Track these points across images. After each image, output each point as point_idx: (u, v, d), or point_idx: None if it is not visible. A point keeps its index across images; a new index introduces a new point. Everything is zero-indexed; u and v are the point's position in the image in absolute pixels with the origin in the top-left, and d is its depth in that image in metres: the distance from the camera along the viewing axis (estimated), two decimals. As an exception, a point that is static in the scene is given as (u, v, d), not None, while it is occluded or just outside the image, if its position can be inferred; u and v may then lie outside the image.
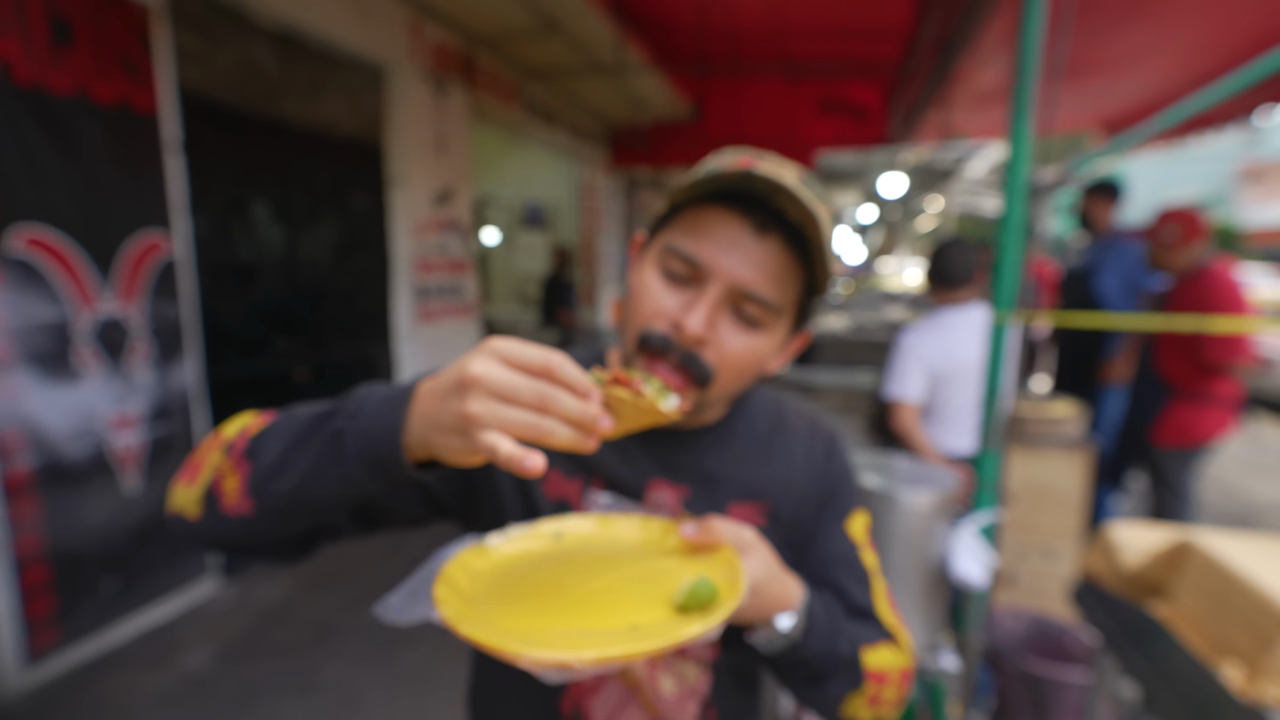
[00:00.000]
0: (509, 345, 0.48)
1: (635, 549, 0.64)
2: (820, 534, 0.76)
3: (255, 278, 3.07)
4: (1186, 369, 2.76)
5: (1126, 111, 4.20)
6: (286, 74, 3.18)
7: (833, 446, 0.82)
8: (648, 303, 0.64)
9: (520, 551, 0.63)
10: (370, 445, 0.51)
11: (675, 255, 0.63)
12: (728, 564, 0.58)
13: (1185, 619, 1.47)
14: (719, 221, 0.63)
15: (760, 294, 0.62)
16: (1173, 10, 2.75)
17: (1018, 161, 1.68)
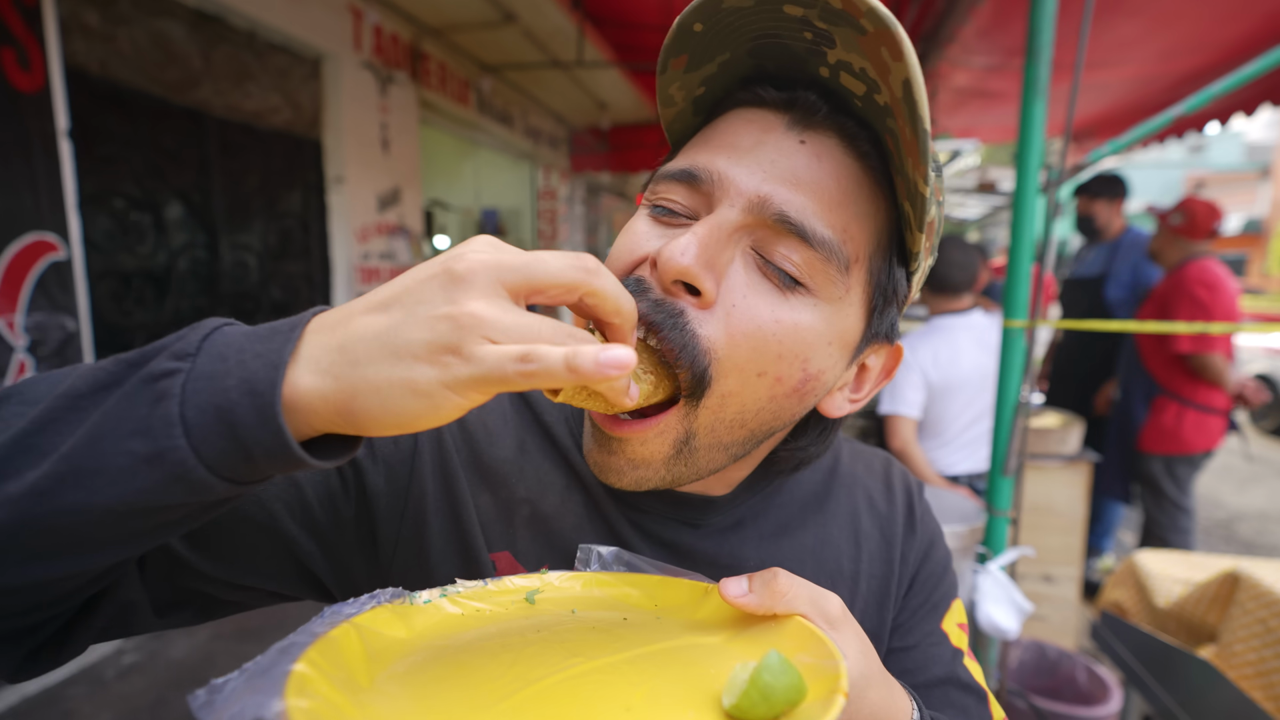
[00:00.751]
0: (520, 260, 0.31)
1: (652, 620, 0.40)
2: (906, 636, 0.54)
3: (167, 286, 2.71)
4: (1166, 362, 2.71)
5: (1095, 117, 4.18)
6: (207, 58, 2.84)
7: (916, 503, 0.58)
8: (618, 247, 0.44)
9: (469, 615, 0.39)
10: (222, 398, 0.28)
11: (664, 179, 0.43)
12: (805, 642, 0.34)
13: (1238, 665, 1.30)
14: (736, 119, 0.42)
15: (808, 224, 0.38)
16: (1148, 12, 2.68)
17: (1028, 164, 1.50)
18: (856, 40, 0.35)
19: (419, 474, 0.48)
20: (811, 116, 0.40)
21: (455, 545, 0.47)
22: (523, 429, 0.52)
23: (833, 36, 0.36)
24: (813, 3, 0.35)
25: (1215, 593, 1.32)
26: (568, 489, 0.50)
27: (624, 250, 0.43)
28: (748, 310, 0.39)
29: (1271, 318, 10.56)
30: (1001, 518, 1.51)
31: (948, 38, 2.88)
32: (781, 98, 0.41)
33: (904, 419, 2.06)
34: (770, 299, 0.39)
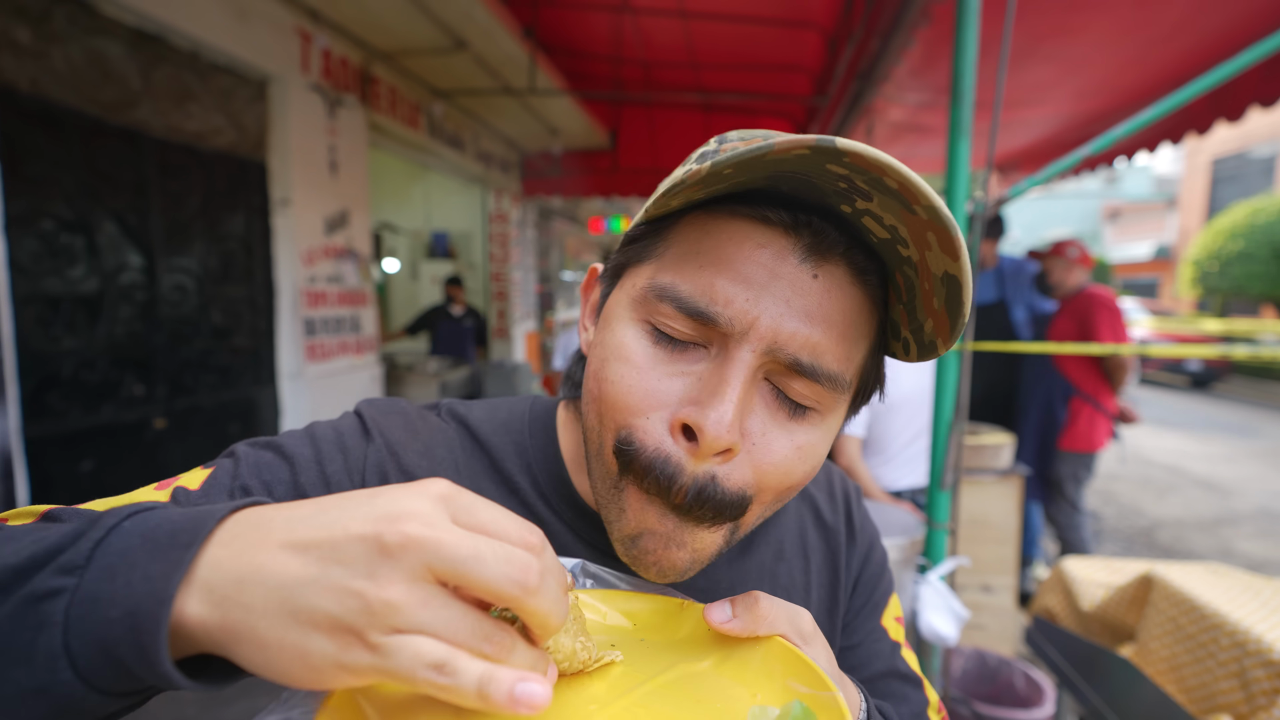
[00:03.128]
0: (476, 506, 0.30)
1: (639, 644, 0.41)
2: (851, 635, 0.58)
3: (100, 310, 2.60)
4: (1085, 369, 3.08)
5: (1019, 151, 4.46)
6: (147, 78, 2.77)
7: (854, 508, 0.61)
8: (626, 385, 0.40)
9: None
10: (105, 631, 0.26)
11: (669, 303, 0.40)
12: (794, 668, 0.37)
13: (1154, 661, 1.39)
14: (743, 239, 0.39)
15: (820, 364, 0.39)
16: (1067, 55, 2.91)
17: (955, 196, 1.61)
18: (900, 212, 0.35)
19: None
20: (827, 249, 0.39)
21: None
22: (478, 476, 0.52)
23: (871, 195, 0.35)
24: (863, 171, 0.33)
25: (1132, 595, 1.42)
26: None
27: (635, 391, 0.40)
28: (769, 446, 0.40)
29: (1181, 337, 11.35)
30: (940, 530, 1.59)
31: (882, 76, 3.05)
32: (791, 221, 0.39)
33: (849, 437, 2.15)
34: (787, 429, 0.41)
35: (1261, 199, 11.96)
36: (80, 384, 2.52)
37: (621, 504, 0.42)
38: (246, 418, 3.41)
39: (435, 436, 0.53)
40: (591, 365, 0.44)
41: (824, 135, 0.35)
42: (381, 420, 0.52)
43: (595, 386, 0.43)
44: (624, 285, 0.45)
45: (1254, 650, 1.08)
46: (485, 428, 0.54)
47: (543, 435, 0.54)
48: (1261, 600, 1.22)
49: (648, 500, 0.41)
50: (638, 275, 0.44)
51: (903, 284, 0.40)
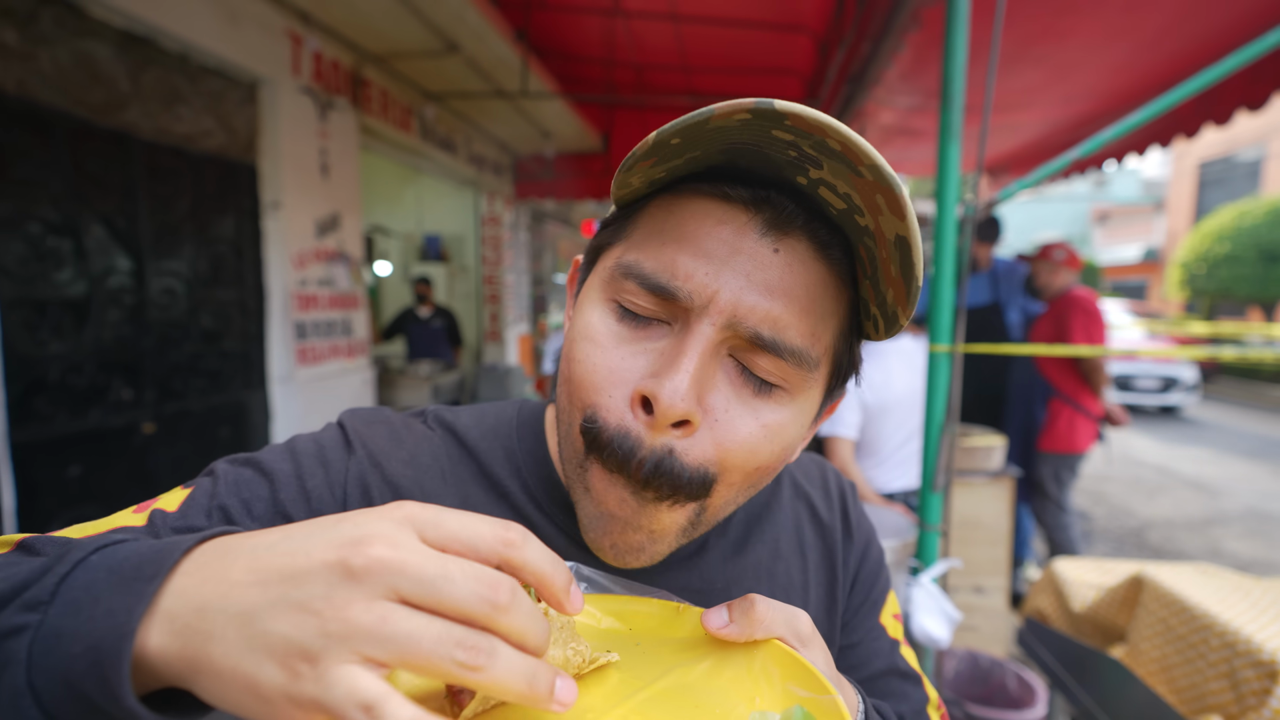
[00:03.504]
0: (442, 517, 0.29)
1: (635, 648, 0.41)
2: (851, 633, 0.58)
3: (88, 314, 2.57)
4: (1064, 370, 3.09)
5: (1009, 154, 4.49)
6: (135, 80, 2.75)
7: (850, 506, 0.61)
8: (591, 363, 0.40)
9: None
10: (68, 667, 0.26)
11: (633, 280, 0.40)
12: (792, 671, 0.37)
13: (1145, 662, 1.40)
14: (704, 216, 0.39)
15: (782, 339, 0.39)
16: (1056, 59, 2.93)
17: (946, 199, 1.62)
18: (848, 175, 0.35)
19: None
20: (786, 223, 0.39)
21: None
22: (466, 483, 0.51)
23: (820, 161, 0.36)
24: (806, 135, 0.34)
25: (1123, 596, 1.43)
26: None
27: (599, 369, 0.40)
28: (731, 423, 0.40)
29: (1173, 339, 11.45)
30: (932, 532, 1.59)
31: (873, 80, 3.06)
32: (751, 197, 0.39)
33: (842, 440, 2.15)
34: (751, 406, 0.40)
35: (1247, 202, 12.09)
36: (67, 388, 2.49)
37: (586, 483, 0.42)
38: (237, 422, 3.38)
39: (420, 445, 0.52)
40: (564, 348, 0.44)
41: (764, 99, 0.33)
42: (364, 431, 0.52)
43: (565, 367, 0.43)
44: (597, 268, 0.45)
45: (1244, 650, 1.09)
46: (473, 434, 0.54)
47: (531, 439, 0.54)
48: (1251, 600, 1.23)
49: (609, 480, 0.41)
50: (608, 257, 0.44)
51: (865, 256, 0.40)
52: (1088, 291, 3.06)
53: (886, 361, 2.18)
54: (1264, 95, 2.46)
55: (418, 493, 0.49)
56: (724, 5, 3.64)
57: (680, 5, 3.62)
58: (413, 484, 0.49)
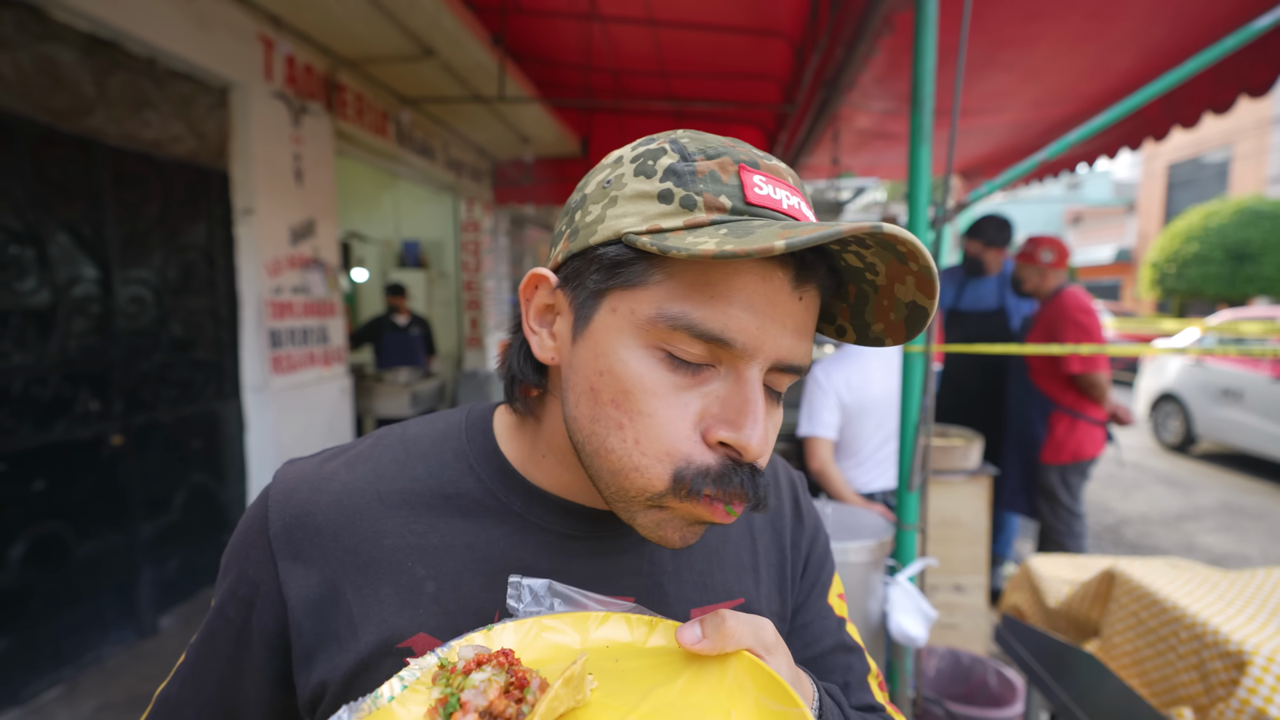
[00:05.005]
0: None
1: (614, 668, 0.43)
2: (805, 614, 0.63)
3: (52, 324, 2.51)
4: (1058, 382, 2.98)
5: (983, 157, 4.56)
6: (100, 84, 2.69)
7: (800, 494, 0.67)
8: (666, 418, 0.43)
9: (428, 701, 0.39)
10: None
11: (686, 331, 0.42)
12: (763, 684, 0.40)
13: (1117, 656, 1.41)
14: (749, 273, 0.42)
15: (801, 362, 0.46)
16: (1025, 63, 2.97)
17: (918, 201, 1.63)
18: (890, 259, 0.42)
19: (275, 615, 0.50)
20: (809, 275, 0.44)
21: (365, 652, 0.48)
22: (410, 493, 0.53)
23: (871, 246, 0.41)
24: (875, 239, 0.39)
25: (1096, 590, 1.44)
26: (469, 547, 0.51)
27: (673, 421, 0.44)
28: (770, 437, 0.46)
29: (1142, 337, 11.68)
30: (910, 531, 1.60)
31: (848, 84, 3.09)
32: (786, 257, 0.43)
33: (821, 440, 2.16)
34: (773, 417, 0.47)
35: (1215, 203, 12.39)
36: (31, 400, 2.43)
37: (661, 511, 0.46)
38: (209, 432, 3.32)
39: (354, 478, 0.53)
40: (600, 390, 0.45)
41: (876, 225, 0.37)
42: (284, 500, 0.53)
43: (620, 415, 0.44)
44: (615, 310, 0.45)
45: (1211, 642, 1.10)
46: (423, 442, 0.56)
47: (481, 438, 0.56)
48: (1219, 593, 1.25)
49: (699, 509, 0.44)
50: (635, 301, 0.44)
51: (854, 293, 0.47)
52: (1079, 297, 2.89)
53: (865, 362, 2.19)
54: (1229, 98, 2.52)
55: (351, 532, 0.51)
56: (700, 10, 3.66)
57: (657, 10, 3.63)
58: (344, 525, 0.51)
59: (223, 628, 0.52)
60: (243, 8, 3.23)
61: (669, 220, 0.43)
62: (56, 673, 2.54)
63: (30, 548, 2.44)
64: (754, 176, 0.44)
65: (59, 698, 2.47)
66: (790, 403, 3.49)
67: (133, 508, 2.89)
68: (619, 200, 0.45)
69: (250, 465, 3.57)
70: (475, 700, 0.36)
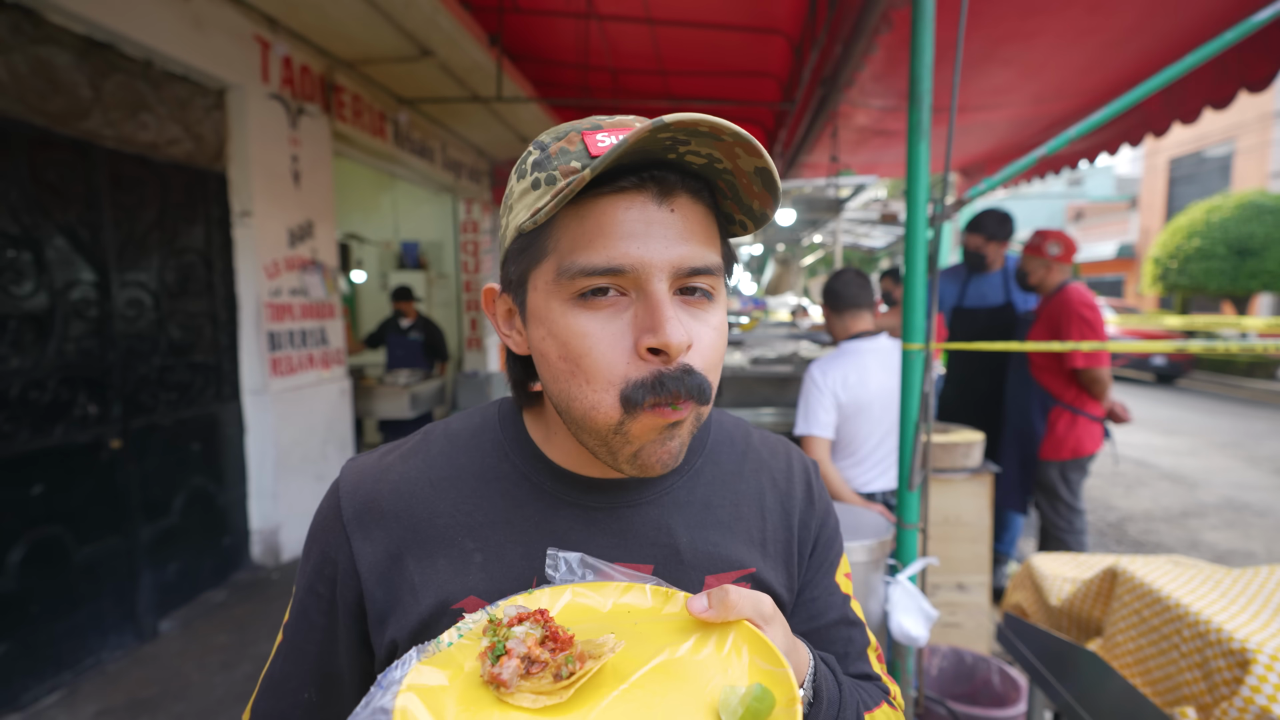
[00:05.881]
0: None
1: (633, 630, 0.50)
2: (812, 590, 0.68)
3: (50, 328, 2.51)
4: (1059, 377, 2.96)
5: (983, 154, 4.54)
6: (96, 87, 2.69)
7: (813, 479, 0.72)
8: (598, 351, 0.51)
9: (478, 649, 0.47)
10: None
11: (583, 274, 0.50)
12: (756, 647, 0.46)
13: (1120, 655, 1.40)
14: (613, 209, 0.50)
15: (703, 262, 0.52)
16: (1024, 59, 2.96)
17: (917, 198, 1.62)
18: (712, 144, 0.47)
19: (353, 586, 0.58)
20: (670, 189, 0.50)
21: (426, 613, 0.56)
22: (458, 479, 0.61)
23: (689, 141, 0.47)
24: (681, 131, 0.45)
25: (1098, 588, 1.43)
26: (508, 523, 0.59)
27: (607, 352, 0.50)
28: (701, 337, 0.52)
29: (1146, 334, 11.64)
30: (911, 530, 1.59)
31: (846, 82, 3.08)
32: (637, 181, 0.49)
33: (818, 439, 2.14)
34: (704, 318, 0.53)
35: (1217, 198, 12.34)
36: (29, 404, 2.42)
37: (626, 435, 0.52)
38: (208, 435, 3.32)
39: (408, 467, 0.62)
40: (550, 354, 0.53)
41: (658, 118, 0.44)
42: (353, 488, 0.61)
43: (569, 366, 0.51)
44: (536, 287, 0.54)
45: (1215, 640, 1.09)
46: (464, 435, 0.64)
47: (513, 427, 0.64)
48: (1221, 590, 1.23)
49: (650, 420, 0.50)
50: (544, 272, 0.53)
51: (725, 187, 0.53)
52: (1083, 292, 2.87)
53: (863, 360, 2.17)
54: (1229, 93, 2.50)
55: (410, 514, 0.59)
56: (698, 8, 3.64)
57: (655, 8, 3.62)
58: (404, 508, 0.60)
59: (314, 603, 0.60)
60: (239, 9, 3.23)
61: (542, 200, 0.50)
62: (56, 677, 2.54)
63: (29, 552, 2.43)
64: (596, 135, 0.51)
65: (59, 702, 2.46)
66: (789, 402, 3.48)
67: (132, 511, 2.88)
68: (513, 207, 0.54)
69: (250, 468, 3.56)
70: (517, 648, 0.43)
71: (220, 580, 3.43)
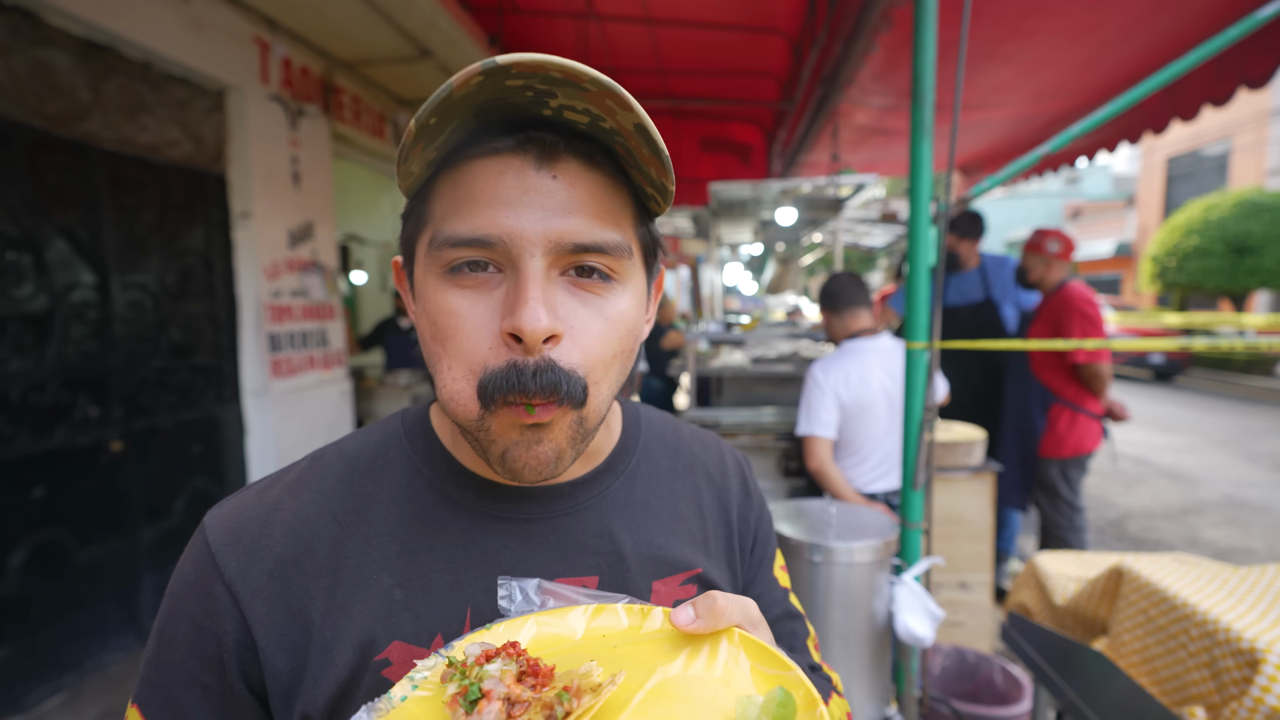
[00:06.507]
0: None
1: (613, 654, 0.45)
2: (756, 586, 0.66)
3: (51, 330, 2.50)
4: (1060, 374, 2.97)
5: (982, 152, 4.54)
6: (95, 89, 2.68)
7: (747, 473, 0.70)
8: (466, 333, 0.45)
9: (441, 700, 0.40)
10: None
11: (450, 246, 0.45)
12: (756, 654, 0.43)
13: (1127, 654, 1.40)
14: (484, 172, 0.44)
15: (594, 238, 0.45)
16: (1024, 57, 2.96)
17: (919, 197, 1.62)
18: (579, 94, 0.41)
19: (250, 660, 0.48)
20: (551, 152, 0.44)
21: (344, 674, 0.47)
22: (364, 510, 0.53)
23: (554, 92, 0.41)
24: (532, 75, 0.39)
25: (1104, 587, 1.43)
26: (431, 549, 0.51)
27: (468, 335, 0.45)
28: (585, 327, 0.46)
29: (1144, 332, 11.65)
30: (915, 529, 1.59)
31: (846, 80, 3.08)
32: (514, 143, 0.44)
33: (820, 439, 2.14)
34: (595, 307, 0.46)
35: (1215, 196, 12.35)
36: (29, 407, 2.42)
37: (490, 434, 0.46)
38: (209, 437, 3.31)
39: (301, 503, 0.52)
40: (425, 333, 0.47)
41: (489, 59, 0.38)
42: (225, 552, 0.49)
43: (437, 347, 0.46)
44: (418, 259, 0.48)
45: (1223, 640, 1.09)
46: (363, 457, 0.56)
47: (423, 439, 0.57)
48: (1229, 589, 1.23)
49: (508, 417, 0.45)
50: (422, 243, 0.48)
51: (623, 152, 0.46)
52: (1083, 289, 2.89)
53: (864, 359, 2.17)
54: (1229, 90, 2.50)
55: (312, 557, 0.50)
56: (697, 8, 3.64)
57: (654, 8, 3.61)
58: (302, 551, 0.50)
59: (196, 700, 0.47)
60: (238, 11, 3.22)
61: (411, 156, 0.45)
62: (58, 680, 2.53)
63: (31, 555, 2.43)
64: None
65: (61, 705, 2.46)
66: (789, 401, 3.48)
67: (133, 513, 2.87)
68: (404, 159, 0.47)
69: (251, 470, 3.56)
70: (496, 689, 0.37)
71: (221, 582, 3.42)
